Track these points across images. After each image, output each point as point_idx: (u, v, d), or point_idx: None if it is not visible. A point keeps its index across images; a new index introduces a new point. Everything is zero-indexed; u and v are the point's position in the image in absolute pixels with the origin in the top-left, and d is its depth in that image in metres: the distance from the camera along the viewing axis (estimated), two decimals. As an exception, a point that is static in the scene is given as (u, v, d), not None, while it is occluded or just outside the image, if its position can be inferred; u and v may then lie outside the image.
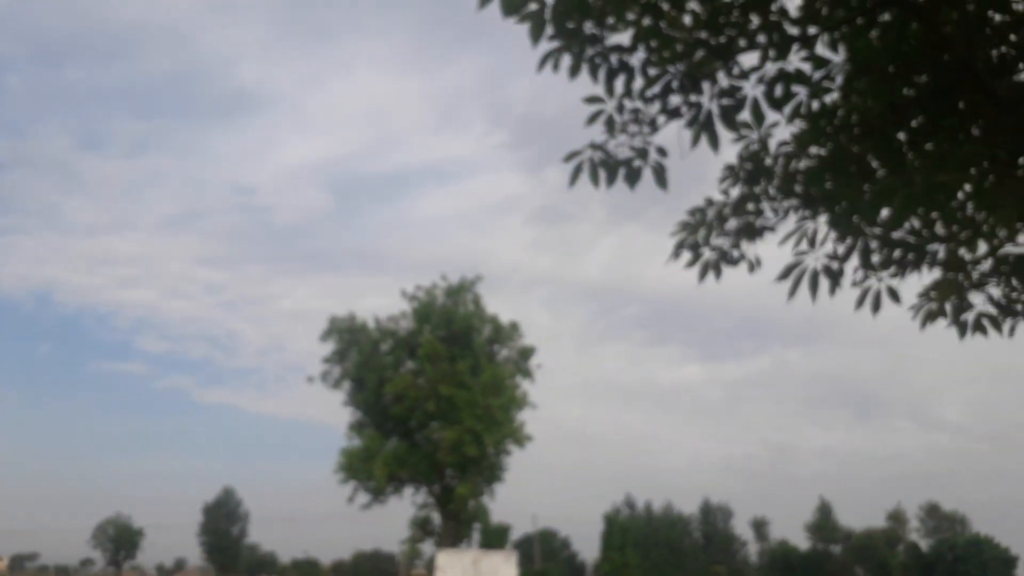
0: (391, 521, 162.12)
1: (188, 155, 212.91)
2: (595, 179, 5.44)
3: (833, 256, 5.74)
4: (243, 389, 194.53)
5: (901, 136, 5.22)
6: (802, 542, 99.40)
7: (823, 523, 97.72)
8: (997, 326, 5.95)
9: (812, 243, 5.72)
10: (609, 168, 5.46)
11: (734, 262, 6.34)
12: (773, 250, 5.97)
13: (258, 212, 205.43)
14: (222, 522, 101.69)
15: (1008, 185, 4.55)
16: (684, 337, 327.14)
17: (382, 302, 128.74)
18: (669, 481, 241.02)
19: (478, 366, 50.18)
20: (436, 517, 53.63)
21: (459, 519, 51.69)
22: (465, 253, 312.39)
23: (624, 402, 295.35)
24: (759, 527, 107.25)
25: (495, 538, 57.42)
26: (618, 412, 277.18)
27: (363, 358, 51.79)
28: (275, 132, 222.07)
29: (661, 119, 5.41)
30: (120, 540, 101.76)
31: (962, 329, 5.97)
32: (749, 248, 6.35)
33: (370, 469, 48.12)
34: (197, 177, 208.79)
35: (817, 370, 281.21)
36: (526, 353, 54.91)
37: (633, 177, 5.45)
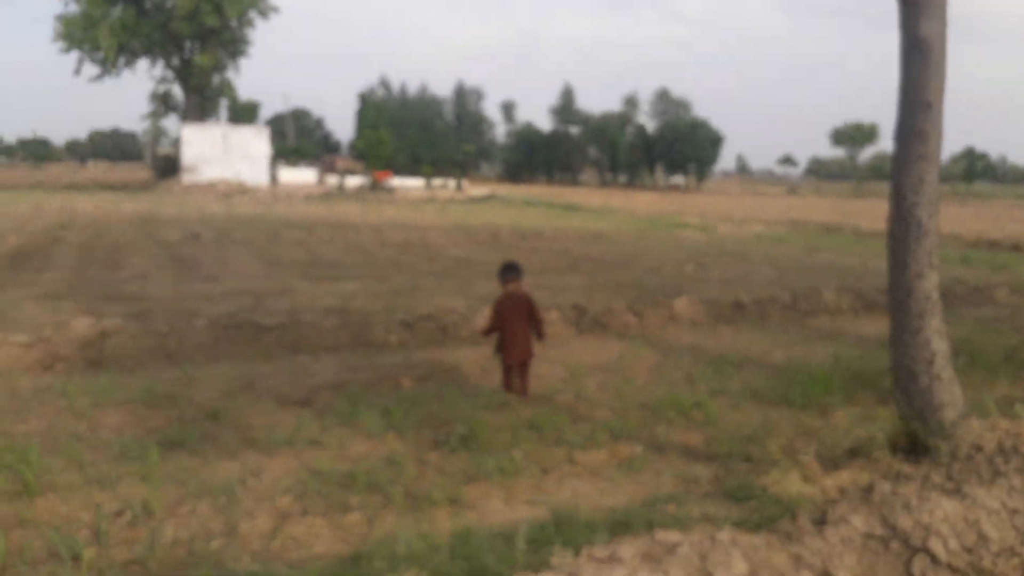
0: (128, 98, 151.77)
1: None
2: None
3: None
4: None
5: None
6: (546, 124, 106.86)
7: (566, 107, 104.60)
8: None
9: None
10: None
11: None
12: None
13: None
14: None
15: None
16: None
17: None
18: (424, 64, 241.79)
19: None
20: (178, 92, 50.69)
21: (203, 94, 49.18)
22: None
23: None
24: (508, 109, 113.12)
25: (244, 115, 55.90)
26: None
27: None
28: None
29: None
30: None
31: None
32: None
33: (95, 38, 43.20)
34: None
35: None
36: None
37: None
